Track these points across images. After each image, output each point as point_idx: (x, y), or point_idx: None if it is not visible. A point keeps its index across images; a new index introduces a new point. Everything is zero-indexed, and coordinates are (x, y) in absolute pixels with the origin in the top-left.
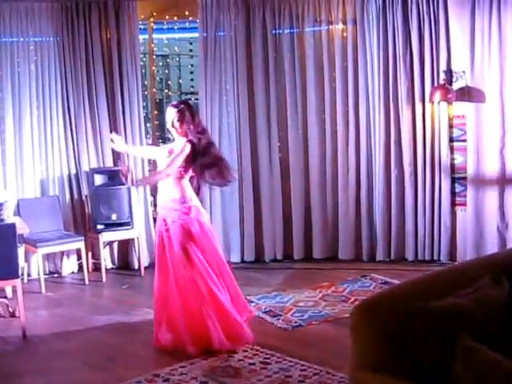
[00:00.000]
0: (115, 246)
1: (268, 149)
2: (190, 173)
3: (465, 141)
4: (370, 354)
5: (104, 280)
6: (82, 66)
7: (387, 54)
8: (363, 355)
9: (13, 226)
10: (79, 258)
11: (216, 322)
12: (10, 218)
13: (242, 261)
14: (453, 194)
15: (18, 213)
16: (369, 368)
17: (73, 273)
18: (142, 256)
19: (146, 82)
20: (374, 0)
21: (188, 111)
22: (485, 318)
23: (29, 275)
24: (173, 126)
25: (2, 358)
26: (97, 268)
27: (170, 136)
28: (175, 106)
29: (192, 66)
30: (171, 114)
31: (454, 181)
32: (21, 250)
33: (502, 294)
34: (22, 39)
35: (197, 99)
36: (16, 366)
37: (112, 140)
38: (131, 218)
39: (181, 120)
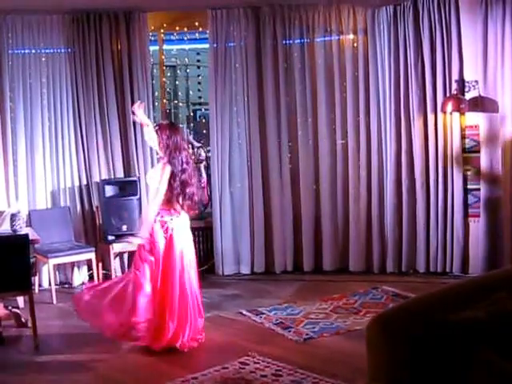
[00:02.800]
0: (125, 256)
1: (278, 160)
2: None
3: (478, 151)
4: (387, 367)
5: None
6: (92, 77)
7: (398, 64)
8: (380, 368)
9: (26, 237)
10: (90, 268)
11: None
12: (22, 228)
13: (252, 272)
14: (465, 205)
15: (29, 224)
16: (385, 381)
17: (83, 283)
18: None
19: (156, 93)
20: (385, 9)
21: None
22: (502, 331)
23: (40, 285)
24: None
25: (16, 369)
26: (107, 279)
27: None
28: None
29: (199, 76)
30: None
31: (466, 192)
32: (32, 261)
33: None
34: (33, 51)
35: (206, 110)
36: (29, 376)
37: (133, 112)
38: None
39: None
